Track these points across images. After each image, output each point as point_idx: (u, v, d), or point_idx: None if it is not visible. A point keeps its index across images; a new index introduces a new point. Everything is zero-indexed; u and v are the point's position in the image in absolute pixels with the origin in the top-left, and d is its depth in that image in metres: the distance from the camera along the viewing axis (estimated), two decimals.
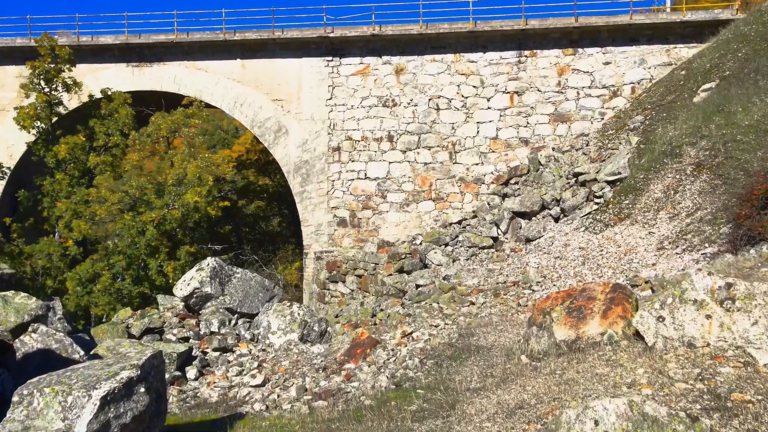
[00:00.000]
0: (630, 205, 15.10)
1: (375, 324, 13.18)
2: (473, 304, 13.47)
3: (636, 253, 13.48)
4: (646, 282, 12.05)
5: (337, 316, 14.39)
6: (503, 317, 12.21)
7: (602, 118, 19.38)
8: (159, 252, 15.40)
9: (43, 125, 16.59)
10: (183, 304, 9.60)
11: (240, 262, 28.55)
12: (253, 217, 32.98)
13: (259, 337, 8.68)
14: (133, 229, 15.23)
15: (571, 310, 4.70)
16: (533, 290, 13.54)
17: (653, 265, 12.84)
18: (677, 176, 14.94)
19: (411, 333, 7.68)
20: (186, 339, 8.94)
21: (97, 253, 15.55)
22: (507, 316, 12.15)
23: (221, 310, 9.13)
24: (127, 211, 15.78)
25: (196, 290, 9.34)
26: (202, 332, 9.02)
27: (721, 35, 17.99)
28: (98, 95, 19.08)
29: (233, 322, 9.19)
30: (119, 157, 16.89)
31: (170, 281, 15.27)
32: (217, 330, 8.98)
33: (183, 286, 9.51)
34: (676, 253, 12.83)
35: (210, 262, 9.70)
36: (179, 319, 9.24)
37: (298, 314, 8.51)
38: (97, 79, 20.80)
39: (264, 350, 8.45)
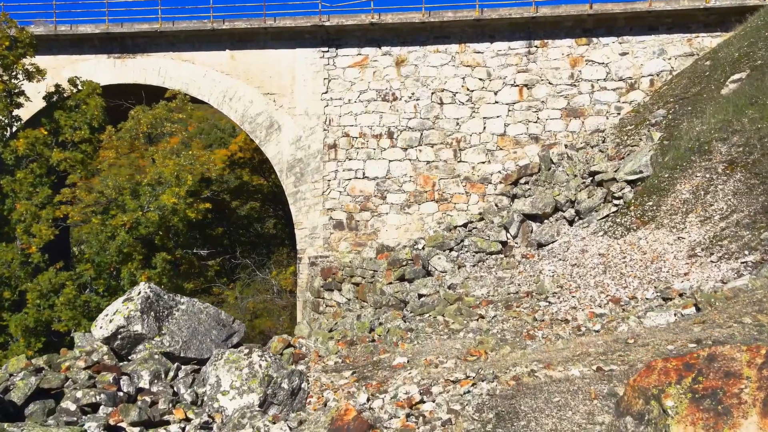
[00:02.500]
0: (654, 207, 13.69)
1: (373, 341, 11.77)
2: (482, 317, 12.07)
3: (665, 261, 12.06)
4: (681, 295, 10.65)
5: (331, 330, 12.97)
6: (517, 334, 10.83)
7: (619, 113, 17.96)
8: (132, 259, 13.92)
9: (0, 117, 15.11)
10: (107, 347, 6.92)
11: (232, 266, 27.17)
12: (247, 218, 31.60)
13: (205, 398, 6.16)
14: (102, 235, 13.76)
15: (699, 395, 2.89)
16: (549, 302, 12.14)
17: (686, 274, 11.43)
18: (707, 175, 13.53)
19: (420, 402, 5.53)
20: (95, 407, 6.16)
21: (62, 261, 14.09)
22: (523, 333, 10.76)
23: (156, 357, 6.61)
24: (97, 213, 14.31)
25: (122, 329, 6.80)
26: (125, 390, 6.25)
27: (750, 22, 16.58)
28: (76, 87, 17.59)
29: (172, 373, 6.63)
30: (90, 153, 15.44)
31: None
32: (147, 386, 6.39)
33: (104, 323, 6.83)
34: (712, 262, 11.42)
35: (142, 289, 7.01)
36: (92, 372, 6.47)
37: (260, 366, 5.97)
38: (75, 71, 19.36)
39: (208, 424, 5.92)
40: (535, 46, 18.40)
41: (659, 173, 14.40)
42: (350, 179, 18.95)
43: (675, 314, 8.45)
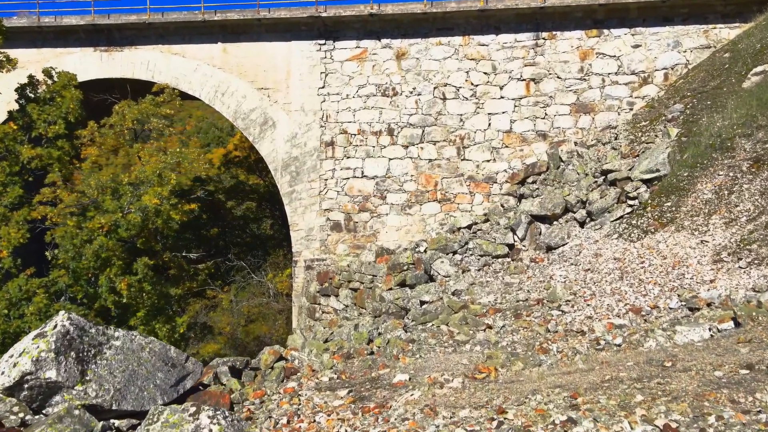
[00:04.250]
0: (673, 208, 12.77)
1: (371, 353, 10.85)
2: (490, 328, 11.14)
3: (687, 267, 11.14)
4: (709, 305, 9.72)
5: (326, 341, 12.05)
6: (529, 347, 9.89)
7: (631, 109, 17.04)
8: (111, 265, 12.93)
9: None
10: (14, 399, 5.01)
11: (227, 268, 26.28)
12: (243, 219, 30.69)
13: None
14: (77, 238, 12.77)
15: None
16: (562, 311, 11.21)
17: (712, 281, 10.51)
18: (730, 173, 12.61)
19: None
20: None
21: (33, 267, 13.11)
22: (536, 346, 9.83)
23: (77, 412, 4.60)
24: (74, 215, 13.32)
25: (29, 377, 4.89)
26: None
27: None
28: (51, 79, 16.55)
29: None
30: (68, 151, 14.45)
31: (123, 300, 12.85)
32: None
33: (7, 368, 4.95)
34: (740, 268, 10.50)
35: (60, 322, 5.15)
36: None
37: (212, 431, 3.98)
38: (60, 64, 18.46)
39: None
40: (543, 38, 17.48)
41: (678, 172, 13.48)
42: (348, 178, 18.03)
43: (710, 329, 7.53)
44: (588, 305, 11.10)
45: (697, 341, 7.22)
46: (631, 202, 14.17)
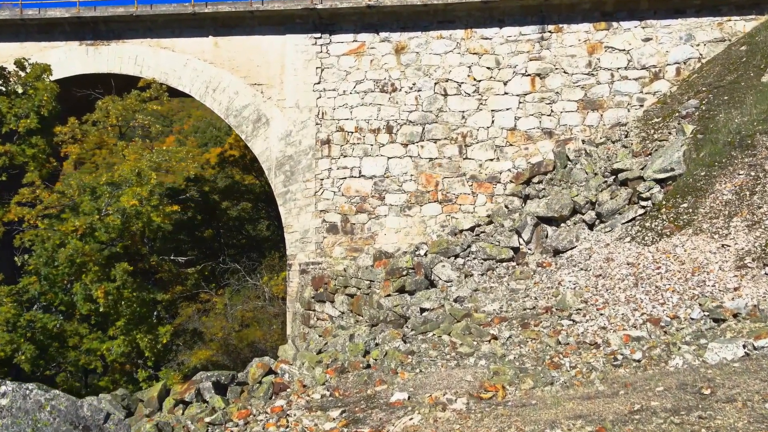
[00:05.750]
0: (690, 210, 11.97)
1: (368, 366, 10.04)
2: (495, 339, 10.35)
3: (708, 273, 10.34)
4: (735, 315, 8.93)
5: (320, 352, 11.25)
6: (539, 361, 9.09)
7: (641, 105, 16.24)
8: (87, 271, 12.05)
9: None
10: None
11: (222, 270, 25.50)
12: (238, 220, 29.88)
13: None
14: (49, 242, 11.91)
15: None
16: (573, 320, 10.41)
17: (736, 290, 9.71)
18: (752, 173, 11.81)
19: None
20: None
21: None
22: (546, 360, 9.03)
23: None
24: (50, 217, 12.47)
25: None
26: None
27: None
28: (24, 70, 15.70)
29: None
30: (43, 148, 13.59)
31: (100, 309, 12.01)
32: None
33: None
34: (767, 274, 9.71)
35: None
36: None
37: None
38: (44, 59, 17.65)
39: None
40: (549, 32, 16.68)
41: (694, 171, 12.68)
42: (345, 178, 17.23)
43: (744, 346, 6.73)
44: (601, 314, 10.31)
45: (732, 360, 6.43)
46: (643, 203, 13.39)
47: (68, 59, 18.00)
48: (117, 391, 8.93)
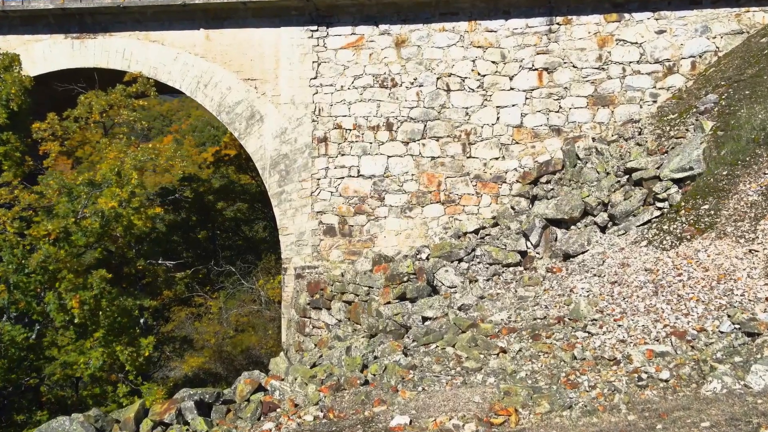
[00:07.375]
0: (712, 212, 11.15)
1: (366, 383, 9.21)
2: (504, 352, 9.52)
3: (735, 281, 9.52)
4: None
5: (314, 365, 10.43)
6: (554, 379, 8.27)
7: (655, 101, 15.41)
8: (62, 279, 11.20)
9: None
10: None
11: (216, 273, 24.68)
12: (234, 221, 29.08)
13: None
14: (18, 247, 11.06)
15: None
16: (589, 332, 9.58)
17: (767, 299, 8.89)
18: None
19: None
20: None
21: None
22: (562, 378, 8.20)
23: None
24: (22, 219, 11.64)
25: None
26: None
27: None
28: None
29: None
30: (15, 146, 12.76)
31: (75, 320, 11.19)
32: None
33: None
34: None
35: None
36: None
37: None
38: (28, 52, 16.88)
39: None
40: (557, 24, 15.86)
41: (715, 170, 11.86)
42: (343, 178, 16.41)
43: None
44: (619, 325, 9.48)
45: None
46: (660, 205, 12.57)
47: (53, 53, 17.19)
48: (90, 412, 8.12)
